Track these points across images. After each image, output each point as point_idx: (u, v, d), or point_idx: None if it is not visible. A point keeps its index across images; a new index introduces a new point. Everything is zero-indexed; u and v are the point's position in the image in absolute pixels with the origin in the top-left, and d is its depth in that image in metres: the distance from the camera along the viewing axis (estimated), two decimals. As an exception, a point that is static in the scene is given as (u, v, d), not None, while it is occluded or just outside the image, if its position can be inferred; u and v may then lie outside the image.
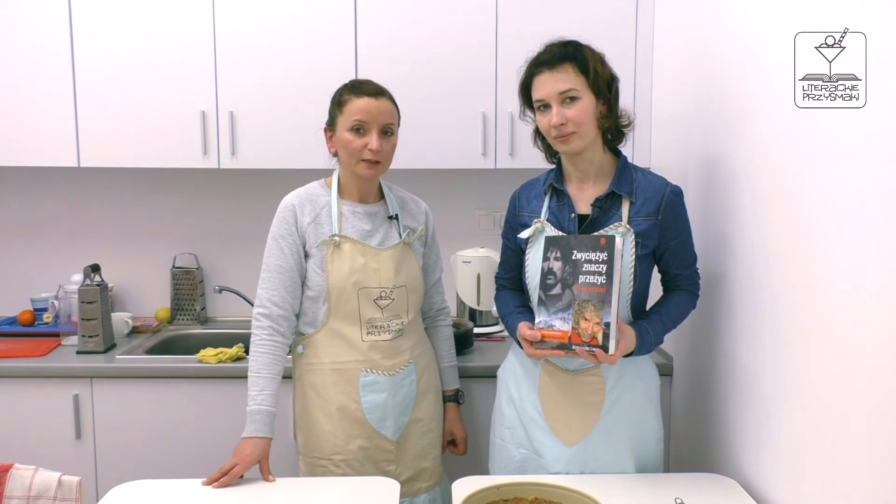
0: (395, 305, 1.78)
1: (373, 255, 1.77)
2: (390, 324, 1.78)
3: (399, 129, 1.81)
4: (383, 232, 1.81)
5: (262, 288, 1.76)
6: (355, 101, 1.72)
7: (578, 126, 1.57)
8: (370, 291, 1.75)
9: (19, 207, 2.77)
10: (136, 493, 1.57)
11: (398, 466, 1.79)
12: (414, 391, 1.82)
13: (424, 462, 1.83)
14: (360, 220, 1.79)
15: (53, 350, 2.35)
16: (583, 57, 1.58)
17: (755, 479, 1.58)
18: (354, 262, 1.74)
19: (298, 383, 1.83)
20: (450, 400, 1.96)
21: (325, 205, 1.78)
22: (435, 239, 1.96)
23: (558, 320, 1.54)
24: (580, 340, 1.50)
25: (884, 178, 1.12)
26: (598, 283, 1.48)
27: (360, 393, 1.76)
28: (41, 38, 2.35)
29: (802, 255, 1.37)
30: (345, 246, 1.75)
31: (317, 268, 1.75)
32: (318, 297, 1.76)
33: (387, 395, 1.77)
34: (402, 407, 1.80)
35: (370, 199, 1.83)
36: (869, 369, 1.17)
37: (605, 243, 1.49)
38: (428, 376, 1.87)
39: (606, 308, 1.47)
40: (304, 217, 1.76)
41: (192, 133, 2.38)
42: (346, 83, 1.80)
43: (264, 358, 1.72)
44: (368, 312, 1.76)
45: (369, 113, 1.71)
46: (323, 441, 1.77)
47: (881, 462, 1.14)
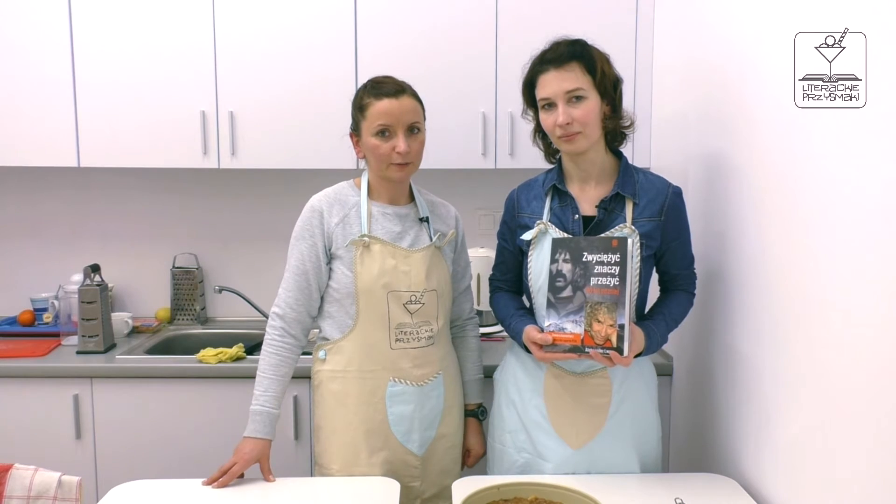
0: (425, 311, 1.72)
1: (403, 257, 1.71)
2: (420, 331, 1.72)
3: (426, 121, 1.74)
4: (413, 234, 1.75)
5: (281, 288, 1.73)
6: (376, 105, 1.66)
7: (584, 126, 1.57)
8: (400, 295, 1.69)
9: (19, 207, 2.77)
10: (136, 493, 1.57)
11: (423, 483, 1.74)
12: (441, 404, 1.76)
13: (448, 479, 1.72)
14: (390, 222, 1.73)
15: (53, 350, 2.34)
16: (590, 56, 1.57)
17: (755, 479, 1.58)
18: (384, 263, 1.69)
19: (318, 391, 1.76)
20: (471, 415, 1.87)
21: (354, 205, 1.73)
22: (465, 245, 1.90)
23: (570, 323, 1.52)
24: (593, 343, 1.49)
25: (883, 177, 1.12)
26: (611, 284, 1.48)
27: (386, 403, 1.70)
28: (41, 38, 2.35)
29: (802, 255, 1.37)
30: (374, 247, 1.69)
31: (345, 269, 1.70)
32: (345, 299, 1.70)
33: (414, 407, 1.71)
34: (429, 420, 1.74)
35: (400, 202, 1.77)
36: (869, 369, 1.17)
37: (618, 245, 1.48)
38: (454, 390, 1.81)
39: (620, 310, 1.46)
40: (333, 217, 1.71)
41: (192, 133, 2.38)
42: (365, 84, 1.73)
43: (272, 359, 1.70)
44: (398, 317, 1.69)
45: (392, 115, 1.65)
46: (344, 453, 1.70)
47: (881, 462, 1.14)
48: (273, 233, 1.87)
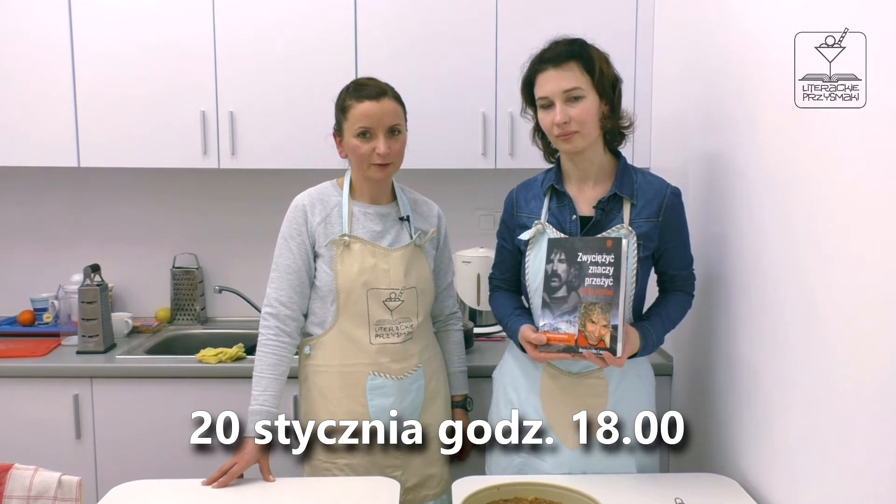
0: (404, 307, 1.76)
1: (383, 255, 1.74)
2: (399, 326, 1.76)
3: (408, 123, 1.77)
4: (394, 233, 1.79)
5: (270, 287, 1.75)
6: (358, 107, 1.69)
7: (582, 125, 1.57)
8: (379, 292, 1.73)
9: (19, 207, 2.77)
10: (136, 493, 1.58)
11: (404, 473, 1.77)
12: (422, 396, 1.80)
13: (431, 469, 1.80)
14: (370, 221, 1.77)
15: (53, 350, 2.35)
16: (589, 56, 1.57)
17: (755, 479, 1.58)
18: (364, 262, 1.73)
19: (304, 385, 1.81)
20: (458, 406, 1.93)
21: (335, 205, 1.77)
22: (447, 242, 1.93)
23: (564, 323, 1.53)
24: (587, 343, 1.49)
25: (884, 177, 1.12)
26: (605, 285, 1.48)
27: (366, 396, 1.74)
28: (41, 37, 2.35)
29: (802, 255, 1.37)
30: (354, 246, 1.73)
31: (326, 267, 1.74)
32: (326, 297, 1.75)
33: (394, 400, 1.75)
34: (409, 412, 1.77)
35: (382, 201, 1.81)
36: (868, 369, 1.17)
37: (612, 245, 1.48)
38: (437, 381, 1.85)
39: (614, 311, 1.46)
40: (315, 217, 1.75)
41: (192, 133, 2.38)
42: (347, 86, 1.77)
43: (269, 358, 1.72)
44: (378, 314, 1.74)
45: (373, 117, 1.68)
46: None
47: (881, 462, 1.14)
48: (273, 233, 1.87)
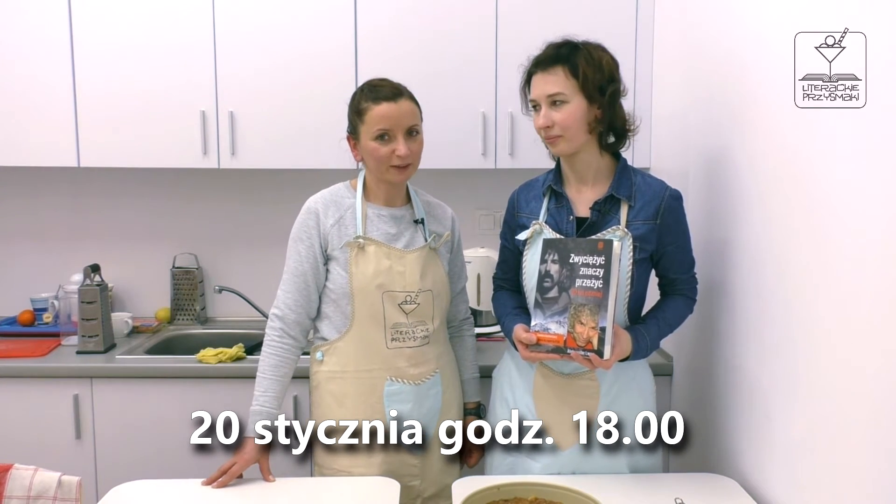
0: (420, 311, 1.73)
1: (398, 257, 1.72)
2: (415, 330, 1.72)
3: (423, 122, 1.74)
4: (409, 235, 1.76)
5: (280, 289, 1.74)
6: (375, 109, 1.65)
7: (564, 130, 1.56)
8: (395, 295, 1.70)
9: (19, 207, 2.76)
10: (136, 493, 1.58)
11: (423, 482, 1.75)
12: (439, 402, 1.77)
13: (449, 479, 1.74)
14: (385, 223, 1.74)
15: (53, 350, 2.34)
16: (574, 60, 1.56)
17: (755, 479, 1.58)
18: (379, 264, 1.70)
19: (317, 391, 1.76)
20: (471, 413, 1.89)
21: (349, 207, 1.74)
22: (461, 246, 1.91)
23: (554, 323, 1.53)
24: (575, 344, 1.49)
25: (884, 177, 1.12)
26: (594, 287, 1.48)
27: (384, 403, 1.70)
28: (41, 37, 2.35)
29: (802, 256, 1.37)
30: (369, 248, 1.70)
31: (340, 270, 1.71)
32: (341, 299, 1.71)
33: (412, 406, 1.71)
34: (427, 419, 1.74)
35: (397, 203, 1.78)
36: (869, 370, 1.17)
37: (603, 247, 1.48)
38: (452, 388, 1.82)
39: (602, 312, 1.46)
40: (328, 219, 1.72)
41: (192, 133, 2.38)
42: (361, 87, 1.74)
43: (271, 360, 1.71)
44: (393, 317, 1.70)
45: (391, 119, 1.65)
46: (343, 452, 1.71)
47: (881, 462, 1.14)
48: (273, 233, 1.88)
